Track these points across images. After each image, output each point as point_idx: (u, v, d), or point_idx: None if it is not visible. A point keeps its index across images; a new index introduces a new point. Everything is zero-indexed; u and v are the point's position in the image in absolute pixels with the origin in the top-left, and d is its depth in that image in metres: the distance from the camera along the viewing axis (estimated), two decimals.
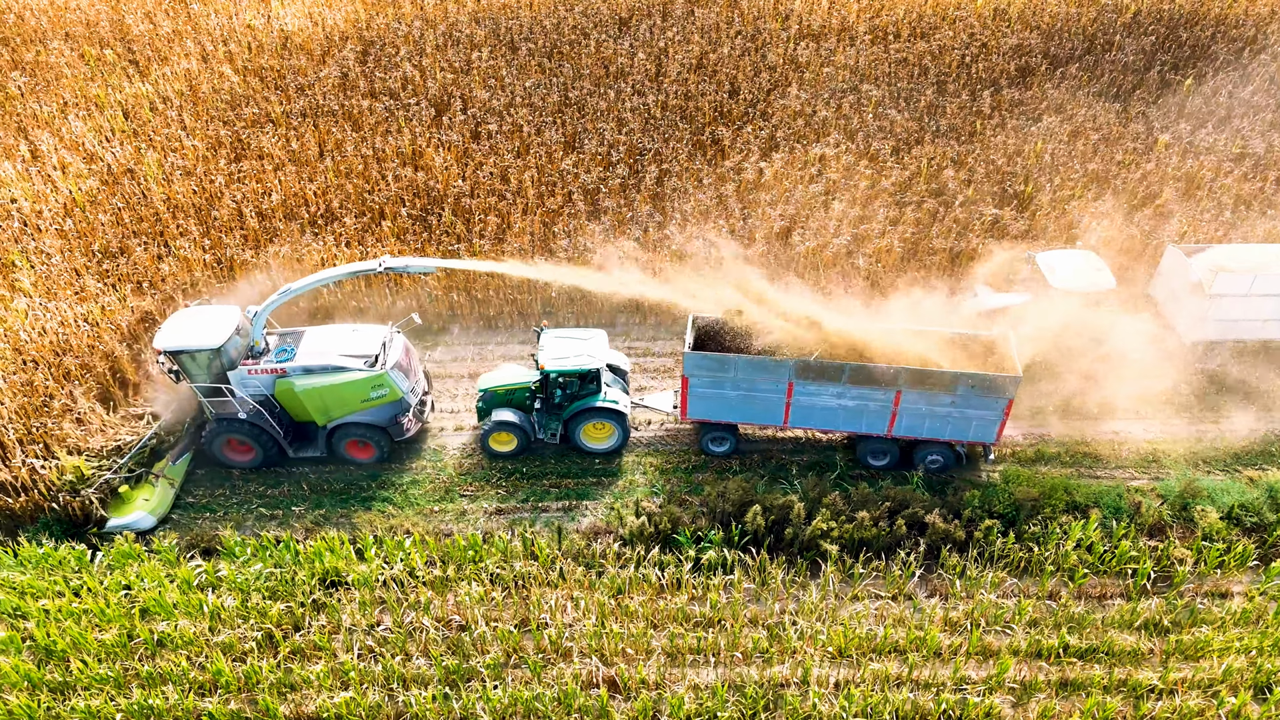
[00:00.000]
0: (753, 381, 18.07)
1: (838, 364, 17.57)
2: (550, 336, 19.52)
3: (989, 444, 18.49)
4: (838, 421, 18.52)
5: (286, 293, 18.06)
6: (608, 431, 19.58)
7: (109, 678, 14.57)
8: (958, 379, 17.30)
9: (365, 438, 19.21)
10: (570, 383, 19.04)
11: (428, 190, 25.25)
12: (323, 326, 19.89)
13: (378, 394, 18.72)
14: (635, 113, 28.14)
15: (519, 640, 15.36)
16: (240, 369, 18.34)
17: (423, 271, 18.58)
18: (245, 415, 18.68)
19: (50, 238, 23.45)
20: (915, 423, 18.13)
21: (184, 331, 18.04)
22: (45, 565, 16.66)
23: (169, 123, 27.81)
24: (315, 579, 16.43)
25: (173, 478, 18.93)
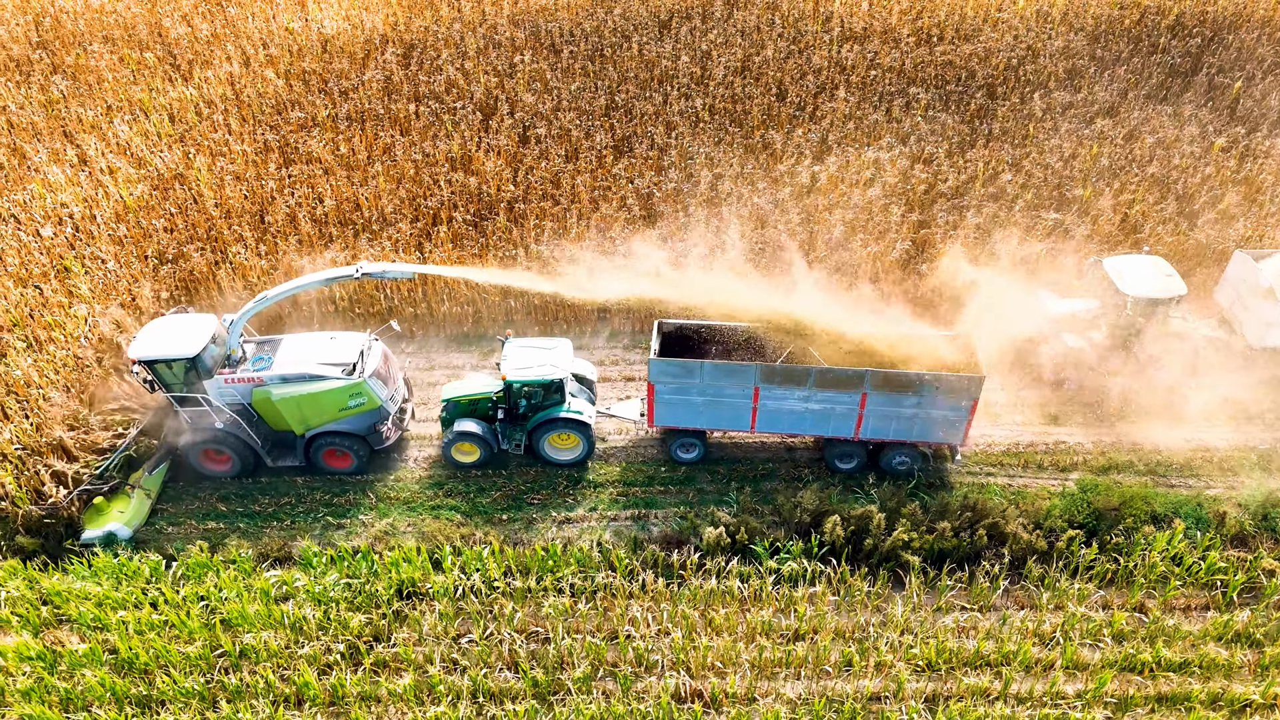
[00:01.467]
0: (719, 387, 18.02)
1: (803, 368, 17.59)
2: (514, 346, 19.36)
3: (956, 445, 18.47)
4: (805, 425, 18.48)
5: (263, 300, 17.92)
6: (572, 442, 19.39)
7: (195, 691, 14.40)
8: (922, 380, 17.25)
9: (343, 446, 18.95)
10: (534, 392, 18.86)
11: (479, 195, 25.08)
12: (301, 334, 19.67)
13: (356, 403, 18.49)
14: (684, 116, 27.95)
15: (605, 652, 15.16)
16: (217, 378, 18.10)
17: (400, 277, 18.33)
18: (222, 425, 18.45)
19: (104, 243, 23.30)
20: (882, 425, 18.08)
21: (159, 340, 17.80)
22: (120, 575, 16.49)
23: (215, 127, 27.65)
24: (392, 589, 16.25)
25: (149, 488, 18.68)
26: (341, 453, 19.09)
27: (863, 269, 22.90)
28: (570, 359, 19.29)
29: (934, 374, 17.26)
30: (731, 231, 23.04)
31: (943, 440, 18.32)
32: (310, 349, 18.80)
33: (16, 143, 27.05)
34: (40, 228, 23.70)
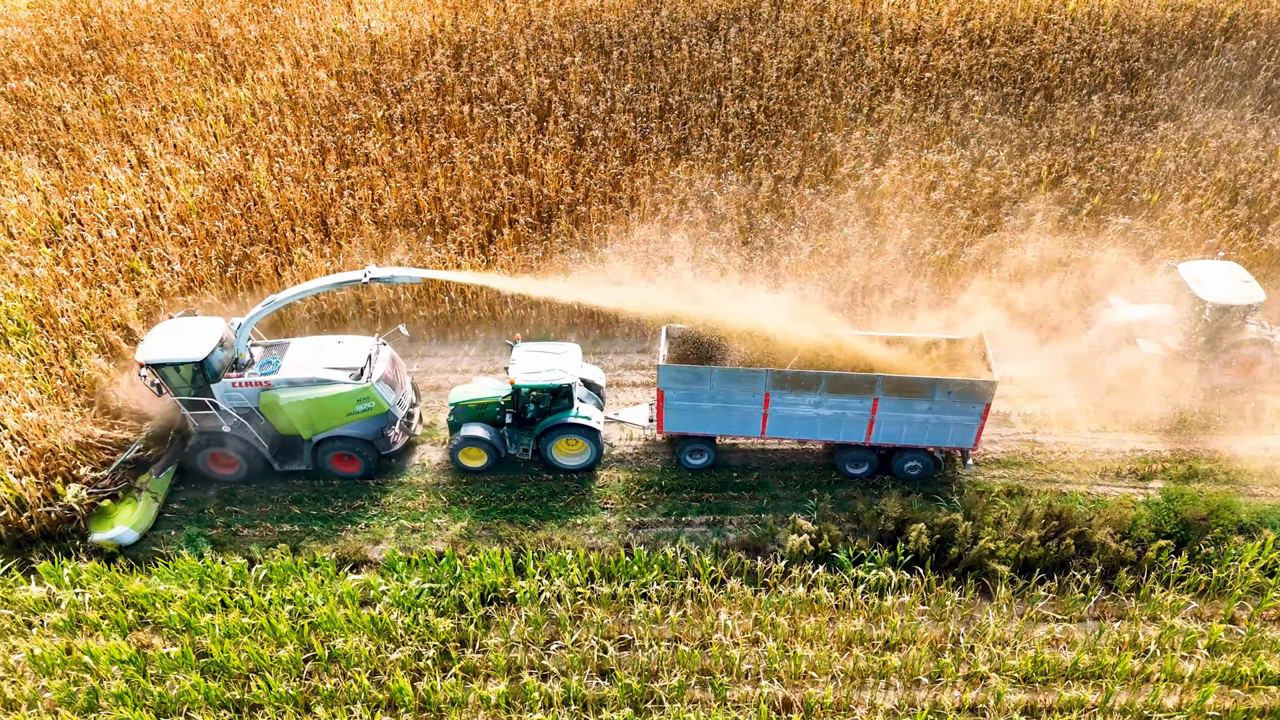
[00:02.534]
0: (729, 393, 17.89)
1: (814, 373, 17.44)
2: (522, 350, 19.21)
3: (968, 449, 18.33)
4: (815, 431, 18.36)
5: (271, 304, 17.82)
6: (580, 448, 19.23)
7: (288, 696, 14.34)
8: (934, 385, 17.13)
9: (351, 451, 18.85)
10: (542, 398, 18.71)
11: (539, 197, 25.00)
12: (308, 338, 19.55)
13: (364, 407, 18.38)
14: (740, 118, 27.81)
15: (697, 660, 15.03)
16: (224, 382, 18.00)
17: (408, 282, 18.20)
18: (229, 428, 18.36)
19: (169, 244, 23.33)
20: (893, 430, 17.98)
21: (166, 344, 17.70)
22: (203, 578, 16.46)
23: (271, 128, 27.66)
24: (476, 594, 16.17)
25: (156, 491, 18.60)
26: (349, 457, 19.02)
27: (927, 272, 22.72)
28: (579, 364, 19.17)
29: (946, 379, 17.21)
30: (795, 235, 22.91)
31: (955, 445, 18.28)
32: (318, 353, 18.71)
33: (74, 143, 27.14)
34: (103, 228, 23.76)
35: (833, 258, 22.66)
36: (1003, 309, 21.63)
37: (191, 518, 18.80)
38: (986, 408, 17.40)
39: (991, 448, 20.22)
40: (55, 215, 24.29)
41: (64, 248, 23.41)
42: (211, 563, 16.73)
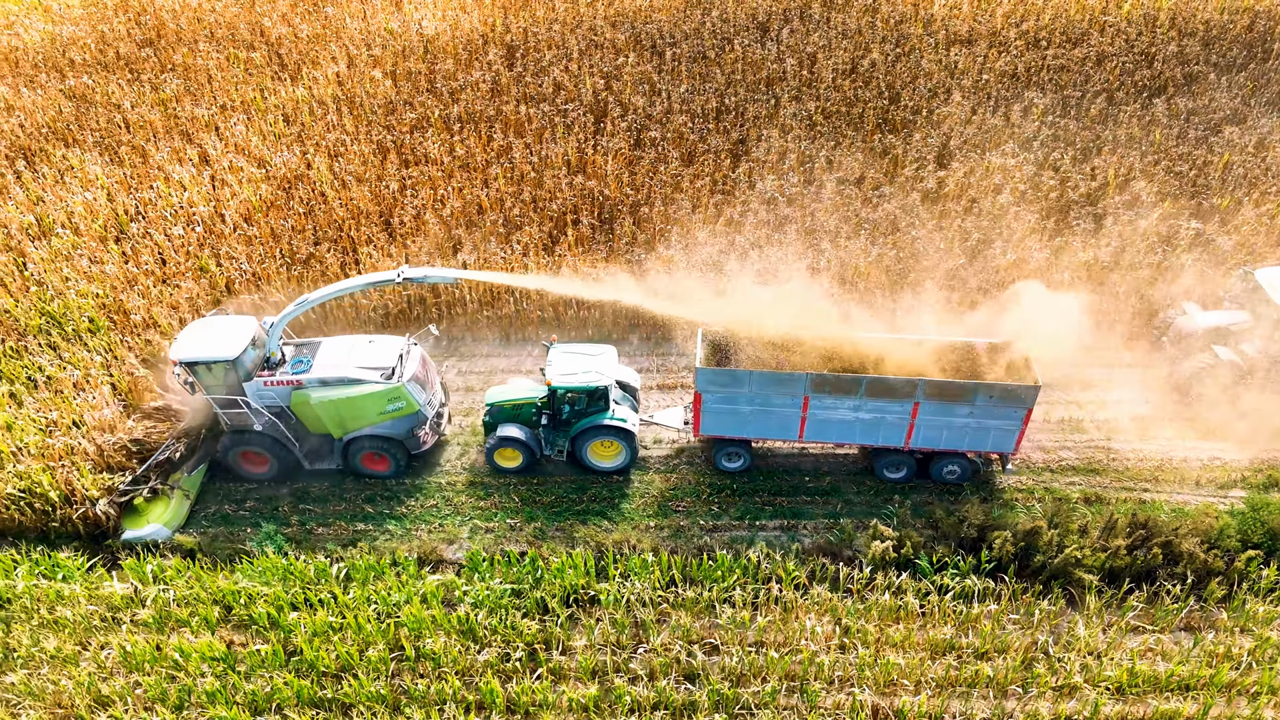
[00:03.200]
0: (767, 396, 17.79)
1: (854, 377, 17.33)
2: (559, 351, 19.15)
3: (1007, 454, 18.20)
4: (854, 435, 18.23)
5: (303, 303, 17.84)
6: (615, 450, 19.17)
7: (381, 696, 14.35)
8: (977, 389, 17.02)
9: (381, 450, 18.84)
10: (578, 399, 18.65)
11: (600, 198, 24.95)
12: (339, 337, 19.56)
13: (394, 407, 18.38)
14: (797, 119, 27.67)
15: (787, 665, 14.93)
16: (256, 380, 18.03)
17: (441, 282, 18.17)
18: (261, 427, 18.38)
19: (235, 243, 23.44)
20: (933, 434, 17.89)
21: (200, 342, 17.77)
22: (286, 576, 16.50)
23: (330, 127, 27.75)
24: (558, 596, 16.13)
25: (188, 489, 18.66)
26: (379, 456, 19.02)
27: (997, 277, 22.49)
28: (615, 366, 19.12)
29: (989, 383, 17.09)
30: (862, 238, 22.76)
31: (995, 449, 18.16)
32: (349, 352, 18.73)
33: (135, 141, 27.33)
34: (170, 227, 23.91)
35: (901, 260, 22.47)
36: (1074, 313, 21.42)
37: (266, 515, 18.87)
38: (1028, 412, 17.31)
39: (1065, 454, 20.03)
40: (121, 213, 24.45)
41: (130, 245, 23.57)
42: (294, 560, 16.75)
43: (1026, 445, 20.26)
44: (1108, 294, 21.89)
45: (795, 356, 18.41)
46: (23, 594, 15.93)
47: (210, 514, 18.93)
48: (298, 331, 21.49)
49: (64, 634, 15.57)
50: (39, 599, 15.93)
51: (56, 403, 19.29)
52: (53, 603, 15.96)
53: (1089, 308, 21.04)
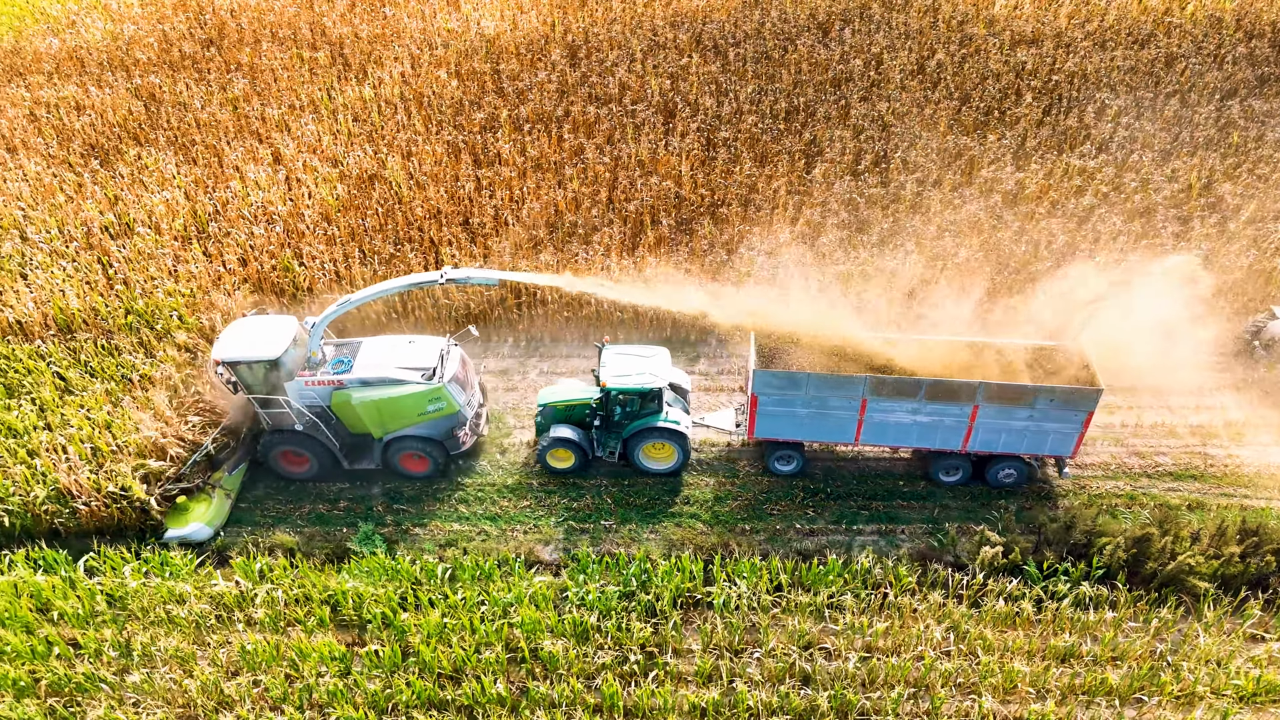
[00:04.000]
0: (824, 399, 17.71)
1: (914, 379, 17.24)
2: (612, 353, 19.07)
3: (1065, 457, 18.00)
4: (911, 438, 18.18)
5: (346, 304, 17.79)
6: (667, 452, 19.12)
7: (503, 698, 14.32)
8: (1038, 392, 16.90)
9: (421, 450, 18.82)
10: (631, 401, 18.60)
11: (676, 199, 24.87)
12: (380, 337, 19.50)
13: (435, 407, 18.34)
14: (870, 120, 27.52)
15: (908, 671, 14.82)
16: (297, 380, 18.00)
17: (484, 284, 18.04)
18: (301, 426, 18.37)
19: (316, 243, 23.48)
20: (991, 437, 17.84)
21: (242, 342, 17.77)
22: (393, 575, 16.51)
23: (400, 127, 27.77)
24: (669, 599, 16.06)
25: (229, 488, 18.66)
26: (419, 456, 18.99)
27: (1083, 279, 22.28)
28: (669, 367, 19.06)
29: (1051, 386, 16.98)
30: (947, 240, 22.60)
31: (1053, 452, 18.08)
32: (389, 353, 18.67)
33: (208, 140, 27.42)
34: (250, 226, 23.98)
35: (982, 261, 22.31)
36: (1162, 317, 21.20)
37: (360, 515, 18.89)
38: (1089, 416, 17.25)
39: (1161, 460, 19.83)
40: (200, 212, 24.54)
41: (210, 244, 23.65)
42: (402, 560, 16.75)
43: (1120, 451, 20.13)
44: (1199, 298, 21.64)
45: (847, 360, 18.34)
46: (138, 592, 15.96)
47: (305, 514, 18.97)
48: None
49: (178, 633, 15.61)
50: (153, 597, 15.96)
51: (143, 401, 19.32)
52: (165, 601, 16.00)
53: (1180, 312, 20.87)
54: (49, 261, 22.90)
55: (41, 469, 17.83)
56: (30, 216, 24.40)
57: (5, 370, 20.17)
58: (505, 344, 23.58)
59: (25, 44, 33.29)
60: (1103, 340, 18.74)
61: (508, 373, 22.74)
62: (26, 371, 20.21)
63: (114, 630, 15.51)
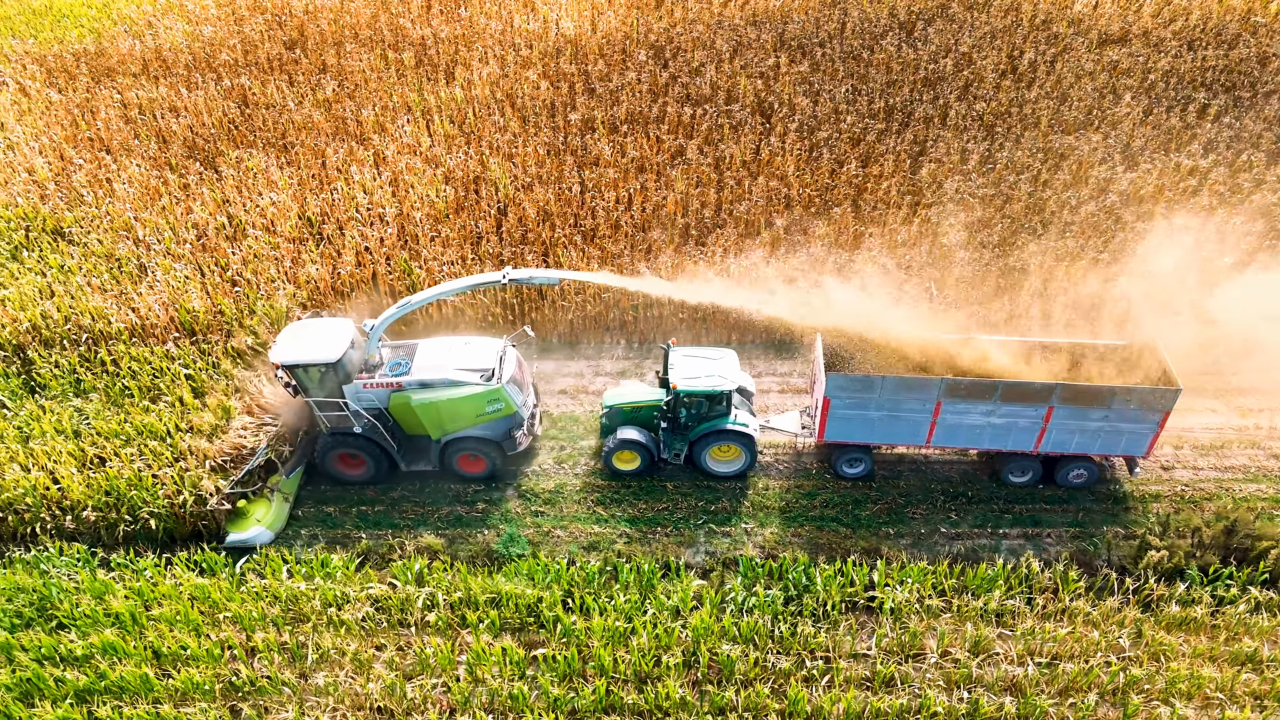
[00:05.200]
0: (898, 402, 17.64)
1: (990, 381, 17.18)
2: (679, 354, 18.97)
3: (1137, 457, 18.01)
4: (983, 440, 18.17)
5: (406, 305, 17.72)
6: (734, 454, 19.03)
7: (689, 703, 14.22)
8: (1115, 393, 16.81)
9: (478, 452, 18.76)
10: (699, 403, 18.50)
11: (785, 200, 24.78)
12: (435, 339, 19.42)
13: (493, 408, 18.28)
14: (973, 119, 27.38)
15: (1094, 678, 14.68)
16: (355, 383, 17.92)
17: (546, 284, 18.00)
18: (360, 429, 18.29)
19: (434, 245, 23.44)
20: (1064, 438, 17.81)
21: (301, 345, 17.67)
22: (557, 578, 16.45)
23: (498, 129, 27.72)
24: (837, 602, 15.96)
25: (287, 492, 18.61)
26: (476, 458, 18.93)
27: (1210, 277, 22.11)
28: (737, 370, 18.96)
29: (1129, 387, 16.94)
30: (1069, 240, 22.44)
31: (1126, 453, 18.05)
32: (446, 354, 18.61)
33: (309, 143, 27.39)
34: (362, 228, 23.96)
35: (1107, 263, 22.15)
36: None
37: (497, 517, 18.84)
38: (1165, 416, 17.17)
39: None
40: (311, 214, 24.54)
41: (327, 246, 23.64)
42: (548, 561, 16.70)
43: (1258, 454, 19.95)
44: None
45: (908, 360, 18.38)
46: (308, 594, 15.94)
47: (444, 516, 18.93)
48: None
49: (349, 635, 15.58)
50: (322, 599, 15.95)
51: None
52: (331, 604, 15.97)
53: None
54: (166, 264, 22.92)
55: (187, 470, 17.85)
56: (141, 219, 24.43)
57: (139, 373, 20.18)
58: (619, 346, 23.52)
59: (108, 45, 33.36)
60: (1241, 341, 18.63)
61: (626, 374, 22.65)
62: (156, 374, 20.24)
63: (286, 632, 15.48)
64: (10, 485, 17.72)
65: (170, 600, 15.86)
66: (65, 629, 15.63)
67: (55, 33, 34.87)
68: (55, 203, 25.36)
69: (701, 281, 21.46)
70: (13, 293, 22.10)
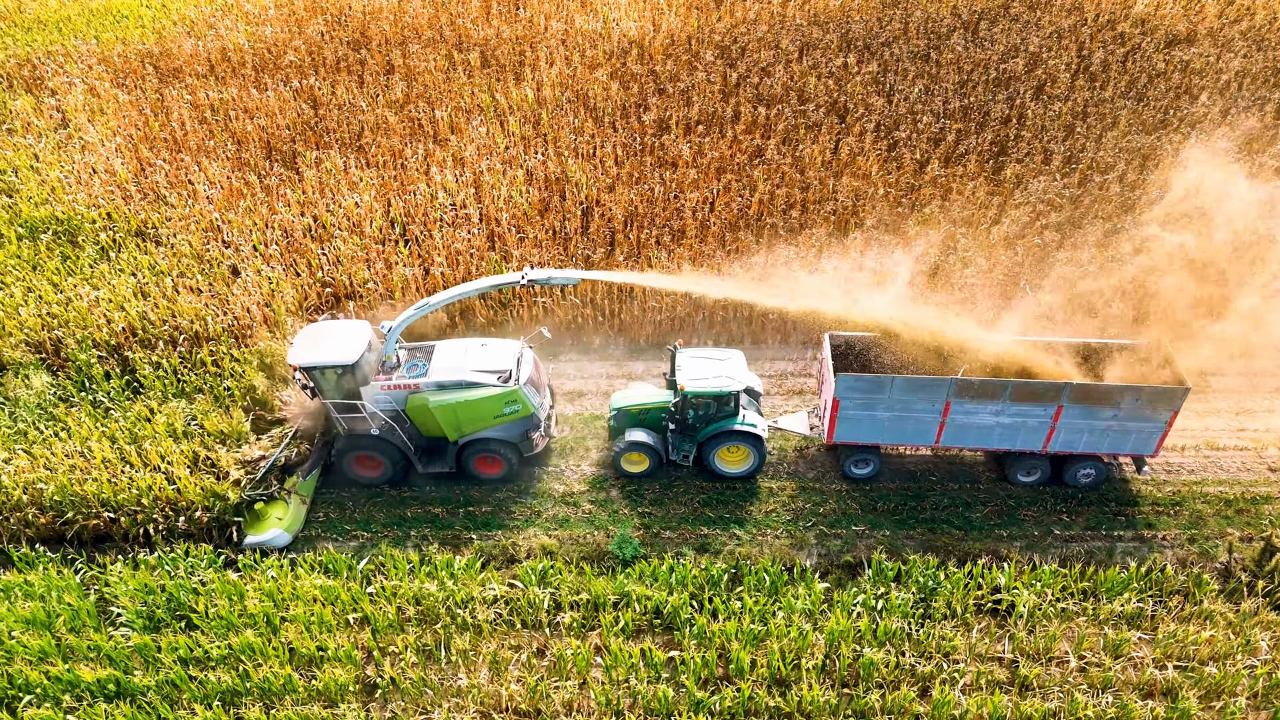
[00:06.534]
0: (908, 402, 17.63)
1: (1000, 381, 17.14)
2: (686, 356, 18.91)
3: (1145, 456, 18.08)
4: (992, 439, 18.14)
5: (424, 307, 17.68)
6: (743, 455, 18.96)
7: (832, 706, 14.15)
8: (1124, 392, 16.76)
9: (495, 453, 18.71)
10: (707, 404, 18.43)
11: (869, 199, 24.70)
12: (452, 341, 19.33)
13: (511, 410, 18.22)
14: (1050, 119, 27.28)
15: (1239, 679, 14.58)
16: (373, 384, 17.88)
17: (565, 284, 17.97)
18: (377, 431, 18.24)
19: (522, 245, 23.40)
20: (1072, 437, 17.83)
21: (318, 347, 17.64)
22: (680, 580, 16.39)
23: (575, 130, 27.67)
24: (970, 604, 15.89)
25: (304, 494, 18.55)
26: (493, 459, 18.88)
27: None
28: (744, 371, 18.88)
29: (1138, 386, 16.88)
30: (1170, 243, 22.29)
31: (1135, 451, 18.03)
32: (463, 356, 18.53)
33: (386, 143, 27.36)
34: (448, 228, 23.93)
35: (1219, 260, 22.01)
36: None
37: (605, 518, 18.78)
38: (1174, 415, 17.17)
39: None
40: (396, 215, 24.51)
41: (412, 247, 23.62)
42: (674, 563, 16.64)
43: None
44: None
45: (913, 358, 18.39)
46: (437, 594, 15.89)
47: (551, 517, 18.88)
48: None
49: (480, 636, 15.53)
50: (452, 600, 15.90)
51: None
52: (463, 604, 15.92)
53: None
54: (256, 264, 22.91)
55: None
56: (227, 219, 24.43)
57: (240, 374, 20.17)
58: (707, 345, 23.44)
59: (171, 46, 33.39)
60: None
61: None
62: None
63: (422, 633, 15.44)
64: (125, 486, 17.72)
65: (300, 601, 15.82)
66: (194, 628, 15.61)
67: (116, 33, 34.91)
68: (136, 203, 25.37)
69: (784, 280, 21.32)
70: (105, 294, 22.11)
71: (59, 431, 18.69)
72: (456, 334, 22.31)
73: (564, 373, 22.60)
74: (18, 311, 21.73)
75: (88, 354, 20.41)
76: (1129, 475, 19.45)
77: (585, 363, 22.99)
